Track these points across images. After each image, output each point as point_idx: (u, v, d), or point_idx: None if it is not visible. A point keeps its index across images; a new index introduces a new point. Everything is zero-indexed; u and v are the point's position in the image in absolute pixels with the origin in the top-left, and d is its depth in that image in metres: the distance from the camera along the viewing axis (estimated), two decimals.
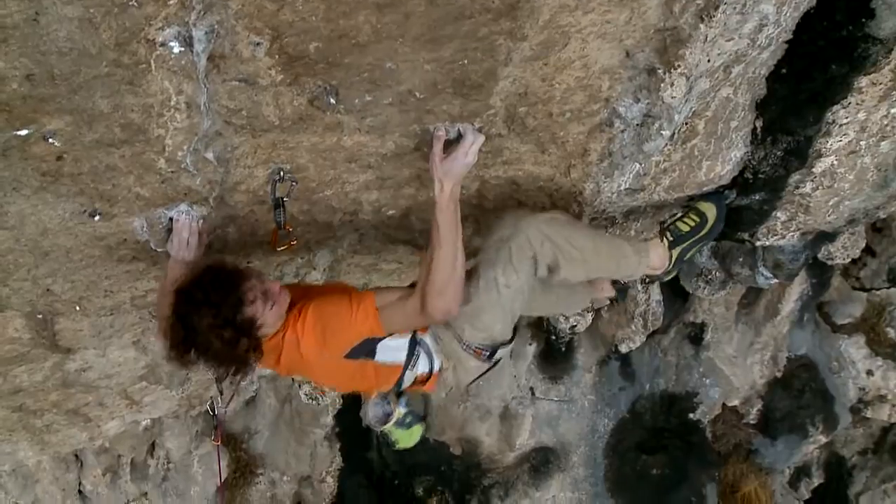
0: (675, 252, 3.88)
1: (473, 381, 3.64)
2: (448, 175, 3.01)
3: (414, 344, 3.38)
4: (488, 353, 3.48)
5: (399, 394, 3.59)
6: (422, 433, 3.82)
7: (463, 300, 3.25)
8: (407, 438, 3.69)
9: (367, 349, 3.22)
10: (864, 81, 3.44)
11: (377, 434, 6.76)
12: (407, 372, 3.41)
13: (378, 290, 3.17)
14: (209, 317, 2.86)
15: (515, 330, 3.62)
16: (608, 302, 6.58)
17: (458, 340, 3.40)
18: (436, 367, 3.48)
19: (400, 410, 3.56)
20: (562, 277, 3.40)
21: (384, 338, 3.21)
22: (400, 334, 3.32)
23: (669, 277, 4.17)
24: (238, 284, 2.96)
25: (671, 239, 3.88)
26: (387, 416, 3.64)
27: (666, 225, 3.99)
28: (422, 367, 3.45)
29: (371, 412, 3.68)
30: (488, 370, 3.62)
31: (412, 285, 3.25)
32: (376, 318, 3.08)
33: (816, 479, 8.36)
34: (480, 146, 3.16)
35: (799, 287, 6.54)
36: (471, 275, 3.24)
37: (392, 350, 3.31)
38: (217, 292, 2.89)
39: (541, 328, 6.63)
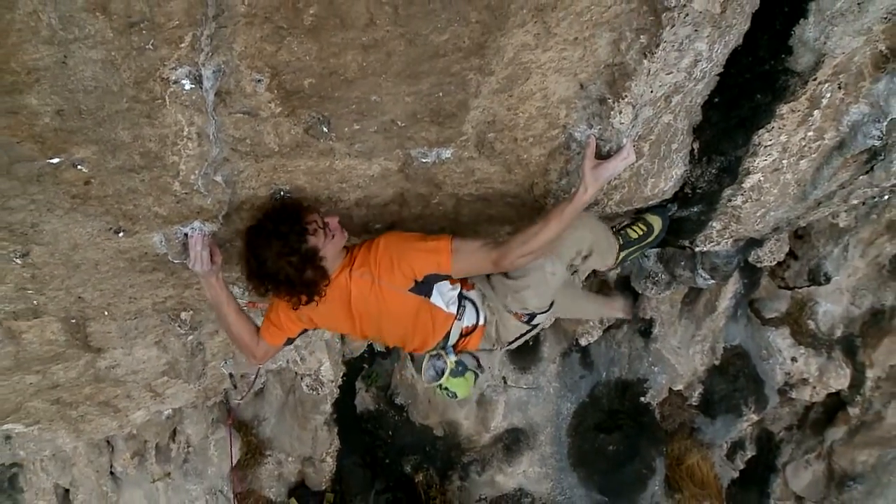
0: (622, 254, 3.92)
1: (514, 340, 3.63)
2: (597, 181, 2.99)
3: (462, 298, 3.39)
4: (527, 318, 3.51)
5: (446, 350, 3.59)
6: (475, 381, 3.72)
7: (514, 276, 3.33)
8: (464, 386, 3.60)
9: (426, 289, 3.21)
10: (784, 109, 3.45)
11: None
12: (456, 322, 3.39)
13: (455, 235, 3.13)
14: (278, 246, 2.88)
15: (552, 302, 3.61)
16: (616, 319, 6.57)
17: (501, 302, 3.44)
18: (481, 321, 3.47)
19: (451, 359, 3.50)
20: (589, 265, 3.50)
21: (442, 279, 3.20)
22: (452, 285, 3.33)
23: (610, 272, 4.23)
24: (302, 216, 2.98)
25: (621, 243, 3.92)
26: (441, 371, 3.58)
27: (616, 230, 4.00)
28: (468, 319, 3.43)
29: (426, 372, 3.62)
30: (528, 332, 3.63)
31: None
32: (447, 255, 3.05)
33: (750, 452, 8.38)
34: (630, 164, 3.16)
35: (733, 286, 6.54)
36: None
37: (444, 296, 3.29)
38: (284, 223, 2.91)
39: None
